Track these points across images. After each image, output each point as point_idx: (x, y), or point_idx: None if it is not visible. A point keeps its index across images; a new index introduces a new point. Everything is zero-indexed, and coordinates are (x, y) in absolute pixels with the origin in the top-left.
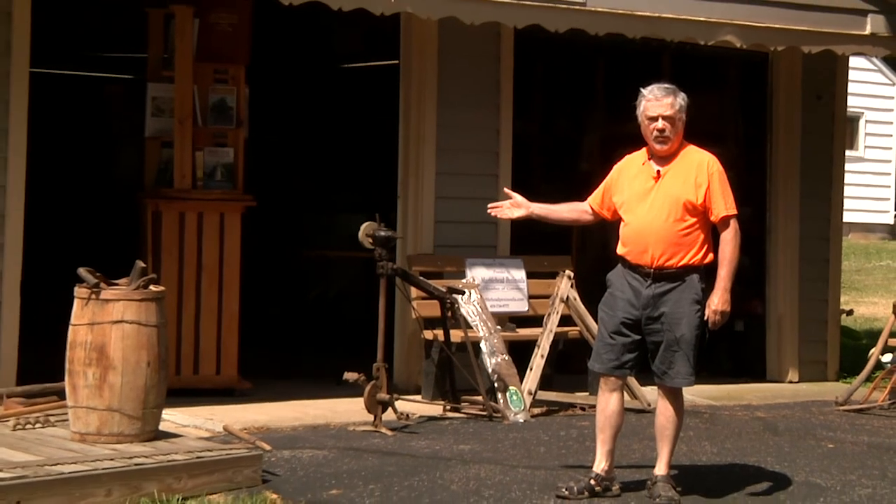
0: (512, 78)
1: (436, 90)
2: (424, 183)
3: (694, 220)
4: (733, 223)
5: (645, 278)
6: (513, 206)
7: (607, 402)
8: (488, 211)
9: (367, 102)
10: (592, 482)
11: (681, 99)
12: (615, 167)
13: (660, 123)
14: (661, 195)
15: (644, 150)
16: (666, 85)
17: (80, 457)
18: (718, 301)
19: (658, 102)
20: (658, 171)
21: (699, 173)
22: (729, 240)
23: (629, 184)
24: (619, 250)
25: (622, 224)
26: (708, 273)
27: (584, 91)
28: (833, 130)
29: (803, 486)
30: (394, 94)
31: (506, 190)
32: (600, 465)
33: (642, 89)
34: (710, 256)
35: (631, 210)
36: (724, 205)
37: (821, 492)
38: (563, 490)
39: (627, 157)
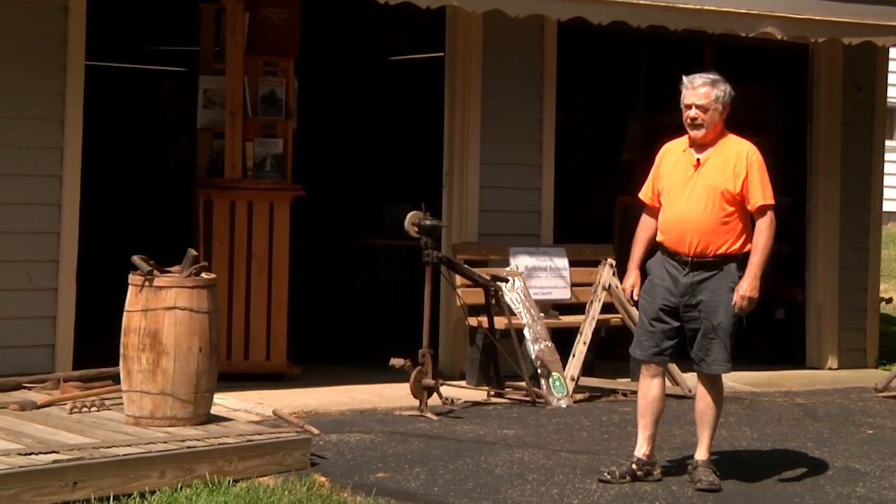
0: (555, 69)
1: (480, 82)
2: (469, 173)
3: (732, 209)
4: (770, 213)
5: (683, 266)
6: (635, 287)
7: (648, 387)
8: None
9: (413, 94)
10: (634, 466)
11: (719, 90)
12: (658, 154)
13: (692, 112)
14: (700, 184)
15: (686, 136)
16: (708, 75)
17: (135, 439)
18: (747, 287)
19: (693, 91)
20: (698, 160)
21: (738, 163)
22: (763, 229)
23: (669, 171)
24: (659, 237)
25: (662, 211)
26: (746, 262)
27: (626, 82)
28: (873, 121)
29: (842, 471)
30: (439, 85)
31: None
32: (641, 449)
33: (685, 76)
34: (749, 245)
35: (671, 198)
36: (761, 194)
37: (860, 477)
38: (606, 474)
39: (669, 144)
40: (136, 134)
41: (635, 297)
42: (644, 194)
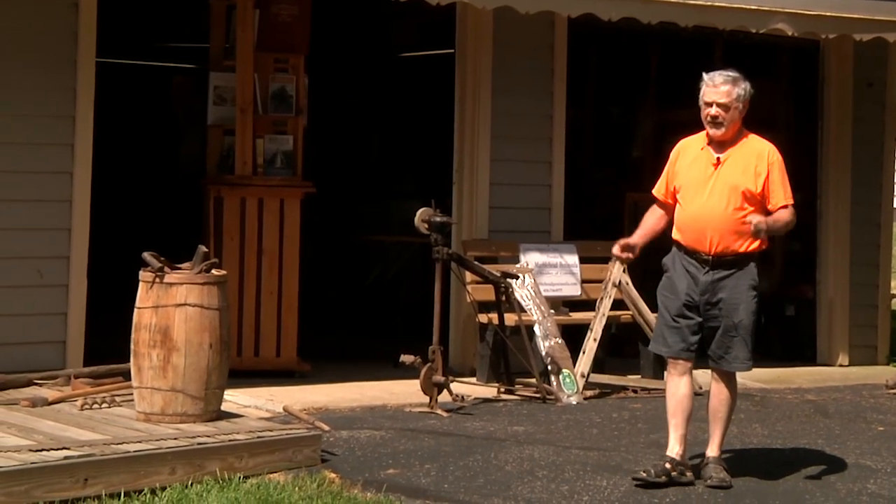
0: (565, 66)
1: (490, 78)
2: (479, 169)
3: (752, 208)
4: (791, 208)
5: (702, 265)
6: (627, 251)
7: (677, 386)
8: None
9: (424, 91)
10: (668, 466)
11: (740, 88)
12: (674, 151)
13: (713, 110)
14: (720, 183)
15: (703, 133)
16: (729, 72)
17: (145, 436)
18: (762, 222)
19: (715, 89)
20: (718, 158)
21: (759, 162)
22: (786, 212)
23: (687, 169)
24: (675, 235)
25: (679, 209)
26: (761, 259)
27: (637, 78)
28: (884, 117)
29: (854, 468)
30: (449, 82)
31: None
32: (674, 449)
33: (705, 73)
34: (764, 245)
35: (689, 196)
36: (783, 195)
37: (871, 474)
38: (642, 473)
39: (685, 141)
40: (146, 130)
41: (618, 252)
42: (658, 191)
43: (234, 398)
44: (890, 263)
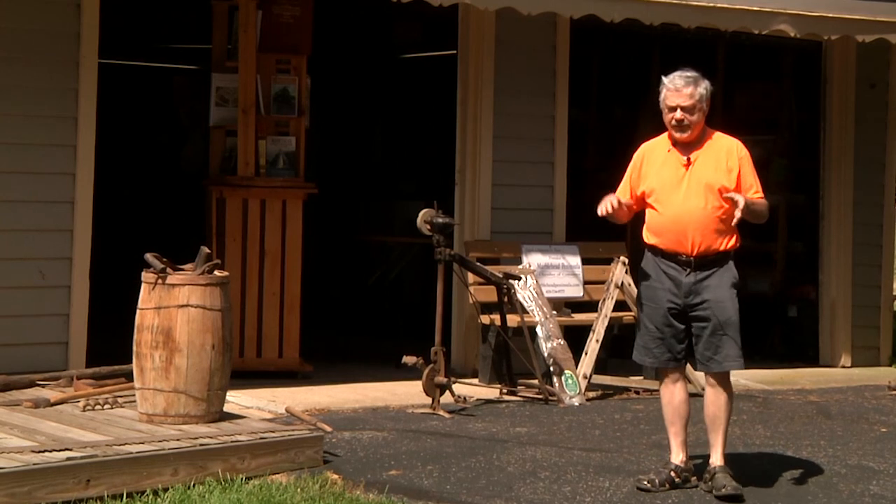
0: (568, 67)
1: (493, 79)
2: (481, 170)
3: (727, 205)
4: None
5: (684, 267)
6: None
7: (672, 393)
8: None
9: (426, 92)
10: (672, 474)
11: (702, 88)
12: (636, 155)
13: (678, 114)
14: (694, 183)
15: (665, 136)
16: (688, 73)
17: (148, 437)
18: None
19: (677, 93)
20: (688, 159)
21: (729, 158)
22: (763, 200)
23: (657, 172)
24: (650, 240)
25: (652, 213)
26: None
27: (639, 79)
28: (887, 118)
29: (856, 469)
30: (451, 83)
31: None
32: (678, 456)
33: (664, 77)
34: (739, 242)
35: (664, 199)
36: (755, 187)
37: (873, 475)
38: (645, 482)
39: (647, 145)
40: (149, 132)
41: (612, 204)
42: (621, 194)
43: (237, 399)
44: (892, 264)
